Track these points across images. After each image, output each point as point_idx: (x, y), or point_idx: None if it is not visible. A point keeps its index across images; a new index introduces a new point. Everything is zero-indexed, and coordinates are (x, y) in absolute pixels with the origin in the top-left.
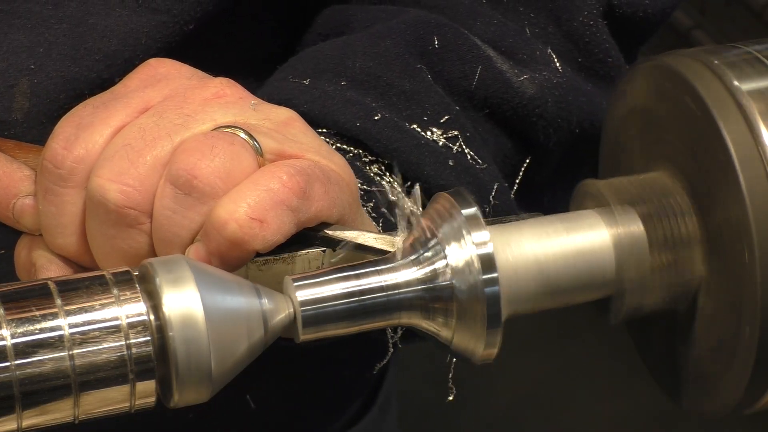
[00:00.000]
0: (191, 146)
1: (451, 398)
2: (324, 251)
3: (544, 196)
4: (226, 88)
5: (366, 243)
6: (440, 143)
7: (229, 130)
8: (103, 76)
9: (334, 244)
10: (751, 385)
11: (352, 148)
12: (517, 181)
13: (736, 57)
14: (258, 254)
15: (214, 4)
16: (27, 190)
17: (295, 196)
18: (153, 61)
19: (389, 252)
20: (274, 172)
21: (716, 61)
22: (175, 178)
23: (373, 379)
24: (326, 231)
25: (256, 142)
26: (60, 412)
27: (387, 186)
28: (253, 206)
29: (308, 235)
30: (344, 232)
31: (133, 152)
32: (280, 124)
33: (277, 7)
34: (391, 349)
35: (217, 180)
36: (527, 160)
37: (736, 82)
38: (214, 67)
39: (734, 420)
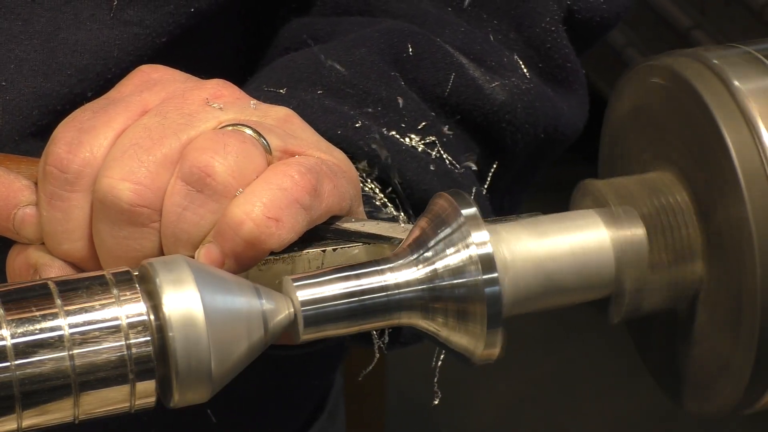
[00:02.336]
0: (203, 144)
1: (436, 402)
2: (324, 251)
3: (504, 199)
4: (222, 88)
5: (380, 232)
6: (419, 149)
7: (232, 127)
8: (75, 91)
9: (347, 235)
10: (751, 385)
11: None
12: (485, 186)
13: (736, 57)
14: None
15: (187, 17)
16: (27, 199)
17: (308, 195)
18: (145, 67)
19: (402, 239)
20: (286, 171)
21: (716, 61)
22: (188, 175)
23: (322, 386)
24: (338, 224)
25: (264, 139)
26: (60, 412)
27: (369, 192)
28: (268, 205)
29: (320, 229)
30: (356, 223)
31: (142, 151)
32: (281, 121)
33: (254, 27)
34: (377, 354)
35: (230, 178)
36: (494, 165)
37: (736, 82)
38: None
39: (734, 420)
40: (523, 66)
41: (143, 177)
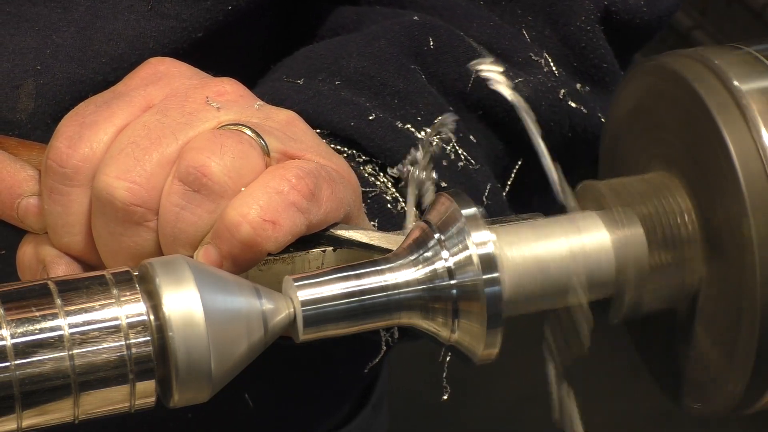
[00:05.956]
0: (200, 144)
1: (445, 398)
2: (324, 251)
3: (534, 198)
4: (227, 85)
5: (371, 242)
6: (434, 143)
7: (233, 127)
8: (109, 79)
9: (339, 243)
10: (750, 385)
11: (346, 149)
12: (509, 182)
13: (736, 57)
14: None
15: (225, 14)
16: (31, 189)
17: (305, 198)
18: (153, 60)
19: (393, 250)
20: (283, 174)
21: (716, 61)
22: (185, 175)
23: (367, 378)
24: (332, 230)
25: (263, 140)
26: (60, 412)
27: (381, 186)
28: (265, 208)
29: (314, 234)
30: (349, 231)
31: (139, 150)
32: (283, 124)
33: (285, 18)
34: (384, 348)
35: (227, 178)
36: (519, 162)
37: (736, 82)
38: (219, 75)
39: (734, 420)
40: (552, 64)
41: (138, 176)
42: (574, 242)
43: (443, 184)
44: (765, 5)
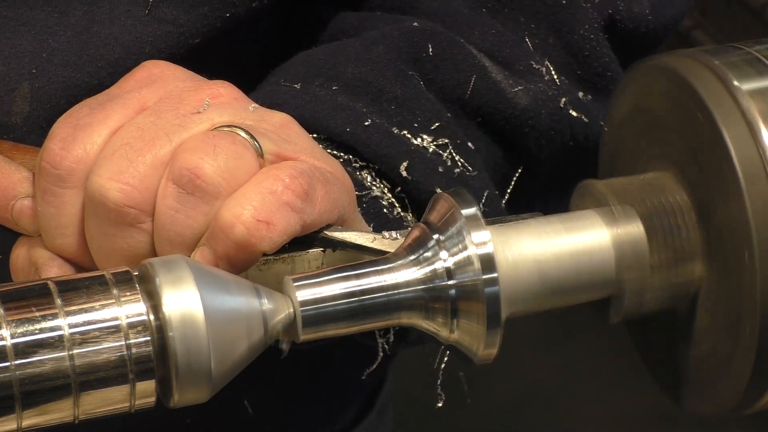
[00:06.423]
0: (193, 145)
1: (440, 405)
2: (324, 251)
3: (535, 205)
4: (221, 88)
5: (365, 244)
6: (430, 150)
7: (227, 129)
8: (105, 84)
9: (333, 244)
10: (750, 385)
11: (342, 154)
12: (509, 190)
13: (736, 57)
14: None
15: (222, 21)
16: (25, 191)
17: (299, 198)
18: (148, 63)
19: (388, 252)
20: (276, 174)
21: (716, 61)
22: (179, 177)
23: (372, 383)
24: (326, 232)
25: (257, 142)
26: (60, 412)
27: (377, 191)
28: (259, 208)
29: (308, 236)
30: (343, 232)
31: (133, 151)
32: (277, 126)
33: (284, 22)
34: (381, 354)
35: (220, 179)
36: (519, 170)
37: (736, 82)
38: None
39: (734, 420)
40: (554, 72)
41: (131, 177)
42: (574, 242)
43: (438, 191)
44: (765, 5)
